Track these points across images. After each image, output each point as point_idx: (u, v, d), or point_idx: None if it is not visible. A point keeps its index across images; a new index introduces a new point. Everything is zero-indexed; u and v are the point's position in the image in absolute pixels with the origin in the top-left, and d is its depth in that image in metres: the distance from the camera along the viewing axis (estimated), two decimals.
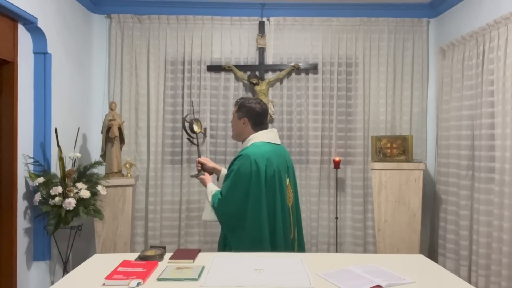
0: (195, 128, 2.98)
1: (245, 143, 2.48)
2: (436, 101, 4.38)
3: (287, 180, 2.44)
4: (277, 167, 2.35)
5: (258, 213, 2.26)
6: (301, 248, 2.50)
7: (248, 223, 2.27)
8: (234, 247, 2.32)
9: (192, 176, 2.83)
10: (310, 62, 4.47)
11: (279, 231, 2.31)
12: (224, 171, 2.66)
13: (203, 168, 2.68)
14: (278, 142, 2.49)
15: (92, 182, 3.36)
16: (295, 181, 2.55)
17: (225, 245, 2.41)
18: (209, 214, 2.42)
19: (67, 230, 3.34)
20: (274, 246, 2.31)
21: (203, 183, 2.60)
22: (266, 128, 2.48)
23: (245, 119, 2.44)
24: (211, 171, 2.69)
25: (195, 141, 2.73)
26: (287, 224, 2.38)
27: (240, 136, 2.53)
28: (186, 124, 2.72)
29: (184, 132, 2.81)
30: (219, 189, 2.46)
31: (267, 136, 2.43)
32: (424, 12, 4.47)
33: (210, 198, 2.42)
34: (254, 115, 2.42)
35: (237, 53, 4.47)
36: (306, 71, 4.47)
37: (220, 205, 2.33)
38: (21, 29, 3.12)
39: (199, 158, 2.70)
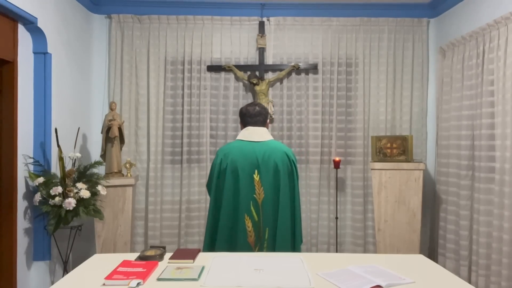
0: None
1: None
2: (436, 101, 4.38)
3: (257, 176, 2.44)
4: (233, 162, 2.46)
5: (210, 203, 2.54)
6: (272, 250, 2.42)
7: (208, 215, 2.55)
8: None
9: None
10: (310, 62, 4.47)
11: (223, 223, 2.44)
12: None
13: None
14: (258, 139, 2.52)
15: (92, 182, 3.36)
16: (276, 179, 2.46)
17: None
18: None
19: (67, 230, 3.34)
20: (214, 237, 2.45)
21: None
22: (251, 126, 2.60)
23: (240, 122, 2.71)
24: None
25: None
26: (244, 219, 2.43)
27: None
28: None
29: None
30: None
31: (242, 134, 2.60)
32: (424, 12, 4.47)
33: None
34: (242, 117, 2.66)
35: (237, 53, 4.47)
36: (306, 71, 4.47)
37: (207, 190, 2.70)
38: (21, 29, 3.12)
39: None
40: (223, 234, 2.43)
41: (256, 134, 2.55)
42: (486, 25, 3.42)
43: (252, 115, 2.58)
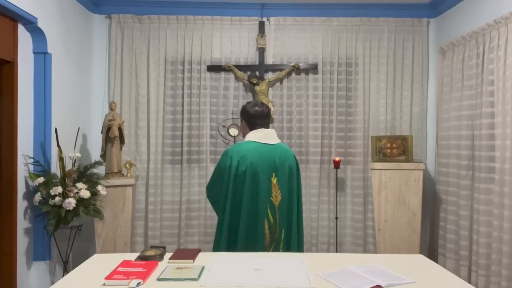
0: (233, 132, 3.75)
1: None
2: (436, 101, 4.38)
3: (274, 179, 2.47)
4: (253, 164, 2.42)
5: (224, 206, 2.43)
6: (291, 251, 2.47)
7: (219, 217, 2.50)
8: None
9: None
10: (310, 62, 4.47)
11: (242, 227, 2.39)
12: None
13: None
14: (271, 142, 2.53)
15: (92, 182, 3.36)
16: (291, 182, 2.53)
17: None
18: None
19: (67, 230, 3.34)
20: (232, 241, 2.40)
21: None
22: (262, 128, 2.57)
23: (243, 121, 2.64)
24: None
25: (231, 143, 2.98)
26: (263, 222, 2.42)
27: (244, 136, 2.67)
28: (223, 128, 2.91)
29: (220, 136, 3.12)
30: None
31: (254, 135, 2.54)
32: (424, 12, 4.47)
33: None
34: (249, 117, 2.58)
35: (237, 53, 4.47)
36: (306, 71, 4.47)
37: (206, 193, 2.70)
38: (21, 29, 3.12)
39: None
40: (243, 237, 2.39)
41: (270, 136, 2.56)
42: (486, 25, 3.42)
43: (262, 117, 2.56)
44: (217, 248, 2.44)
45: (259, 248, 2.38)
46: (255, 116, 2.56)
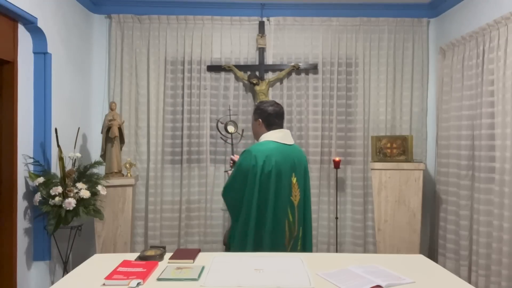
0: (230, 129, 3.60)
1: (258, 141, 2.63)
2: (436, 101, 4.38)
3: (294, 179, 2.51)
4: (277, 164, 2.42)
5: (249, 206, 2.39)
6: (307, 248, 2.55)
7: (241, 215, 2.44)
8: (231, 236, 2.49)
9: (225, 172, 2.95)
10: (310, 62, 4.47)
11: (268, 227, 2.39)
12: None
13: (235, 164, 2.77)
14: (289, 142, 2.57)
15: (92, 182, 3.36)
16: (306, 181, 2.60)
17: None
18: None
19: (67, 230, 3.34)
20: (258, 241, 2.39)
21: None
22: (278, 128, 2.58)
23: (259, 120, 2.59)
24: None
25: (229, 140, 2.88)
26: (284, 222, 2.45)
27: (256, 136, 2.67)
28: (221, 125, 2.89)
29: (218, 132, 3.03)
30: None
31: (275, 135, 2.53)
32: (424, 12, 4.47)
33: None
34: (266, 116, 2.56)
35: (237, 53, 4.47)
36: (306, 71, 4.47)
37: (223, 193, 2.57)
38: (21, 29, 3.12)
39: (232, 156, 2.86)
40: (268, 238, 2.41)
41: (288, 137, 2.59)
42: (486, 25, 3.42)
43: (279, 116, 2.58)
44: (242, 248, 2.40)
45: (280, 247, 2.41)
46: (272, 115, 2.56)
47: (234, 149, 3.01)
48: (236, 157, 2.80)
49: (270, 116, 2.56)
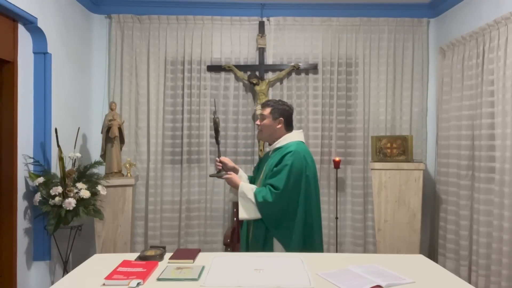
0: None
1: (277, 142, 2.57)
2: (436, 101, 4.38)
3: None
4: (314, 164, 2.55)
5: (308, 207, 2.45)
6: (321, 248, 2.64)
7: (298, 217, 2.40)
8: (283, 241, 2.40)
9: (211, 176, 2.80)
10: (310, 62, 4.47)
11: (316, 226, 2.49)
12: (242, 172, 2.72)
13: (224, 167, 2.68)
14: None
15: (92, 182, 3.36)
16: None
17: (265, 241, 2.41)
18: (249, 212, 2.41)
19: (67, 230, 3.34)
20: (319, 242, 2.50)
21: (232, 182, 2.55)
22: (293, 129, 2.63)
23: (280, 120, 2.54)
24: (231, 171, 2.66)
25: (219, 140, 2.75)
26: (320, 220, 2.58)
27: (272, 136, 2.59)
28: (216, 124, 2.67)
29: (214, 132, 2.76)
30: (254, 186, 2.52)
31: (300, 136, 2.59)
32: (424, 12, 4.47)
33: (251, 195, 2.41)
34: (289, 117, 2.57)
35: (237, 53, 4.47)
36: (306, 71, 4.47)
37: (278, 199, 2.36)
38: (21, 29, 3.12)
39: (220, 158, 2.69)
40: (319, 239, 2.51)
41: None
42: (486, 25, 3.42)
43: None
44: (311, 249, 2.41)
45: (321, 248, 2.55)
46: (291, 116, 2.61)
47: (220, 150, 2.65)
48: (225, 159, 2.67)
49: (290, 117, 2.59)
